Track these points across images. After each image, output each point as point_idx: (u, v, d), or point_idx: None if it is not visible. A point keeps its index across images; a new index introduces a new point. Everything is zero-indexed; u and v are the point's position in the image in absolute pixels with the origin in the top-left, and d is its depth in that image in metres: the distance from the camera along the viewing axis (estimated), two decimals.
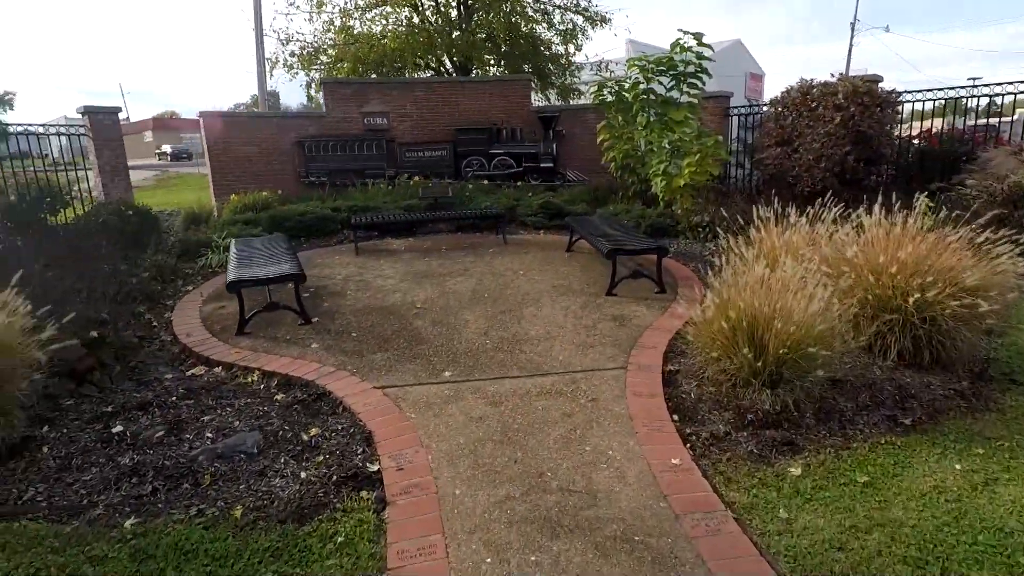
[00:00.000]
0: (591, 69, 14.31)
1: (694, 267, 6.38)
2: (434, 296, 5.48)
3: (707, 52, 8.34)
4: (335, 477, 2.78)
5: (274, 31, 14.08)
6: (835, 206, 4.58)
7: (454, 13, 13.63)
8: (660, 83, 8.80)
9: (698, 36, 8.25)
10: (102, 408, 3.35)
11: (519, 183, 11.00)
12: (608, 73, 14.05)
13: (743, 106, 10.96)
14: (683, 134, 8.50)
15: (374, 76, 12.41)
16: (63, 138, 9.07)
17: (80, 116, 9.41)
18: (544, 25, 13.75)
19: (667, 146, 8.35)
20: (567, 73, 14.24)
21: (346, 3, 13.55)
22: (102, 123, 9.23)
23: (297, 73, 14.07)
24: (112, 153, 9.37)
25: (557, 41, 13.97)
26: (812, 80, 8.87)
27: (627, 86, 9.05)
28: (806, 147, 8.35)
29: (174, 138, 52.74)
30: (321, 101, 11.55)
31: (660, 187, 8.29)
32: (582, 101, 14.40)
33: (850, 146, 8.01)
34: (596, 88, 9.26)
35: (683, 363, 3.98)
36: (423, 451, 2.96)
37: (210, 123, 10.65)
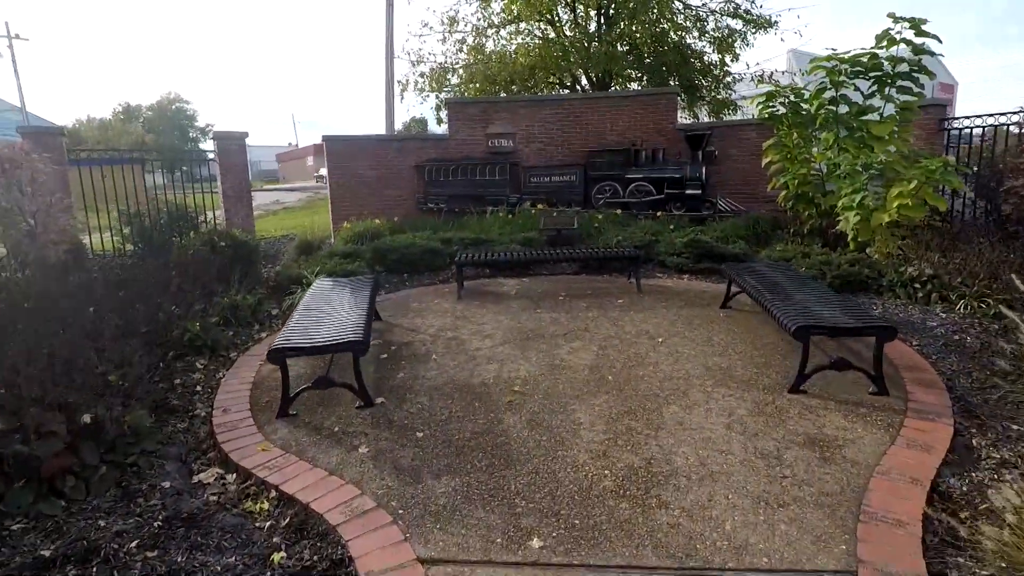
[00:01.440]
0: (751, 80, 12.26)
1: (919, 347, 4.36)
2: (539, 373, 4.08)
3: (932, 44, 6.19)
4: None
5: (406, 53, 13.77)
6: None
7: (592, 25, 12.37)
8: (854, 88, 6.76)
9: (917, 23, 6.15)
10: (41, 548, 2.37)
11: (659, 213, 9.33)
12: (773, 84, 11.91)
13: (962, 116, 8.38)
14: (888, 154, 6.39)
15: (503, 95, 11.49)
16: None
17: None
18: (695, 33, 12.00)
19: (864, 170, 6.29)
20: (721, 86, 12.31)
21: (479, 20, 12.89)
22: (228, 148, 9.14)
23: (428, 96, 13.66)
24: (236, 178, 9.25)
25: (710, 50, 12.14)
26: None
27: (807, 95, 7.10)
28: None
29: None
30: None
31: (852, 223, 6.23)
32: (737, 117, 12.37)
33: None
34: (763, 99, 7.41)
35: (962, 566, 2.18)
36: None
37: (332, 147, 10.30)
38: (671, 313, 5.42)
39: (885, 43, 6.38)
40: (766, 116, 7.50)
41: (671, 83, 11.67)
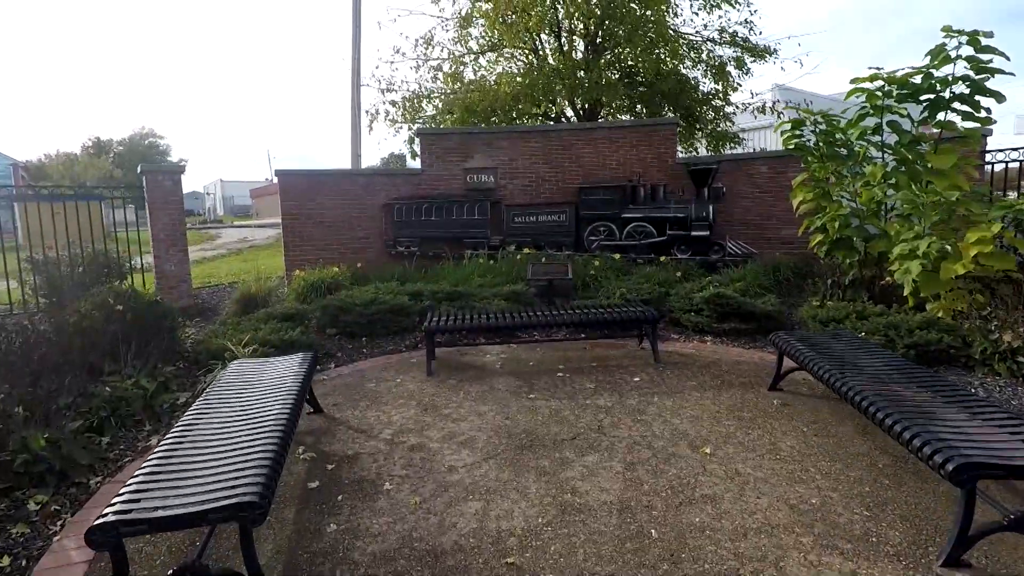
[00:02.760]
0: (752, 112, 11.33)
1: None
2: (543, 522, 2.70)
3: (999, 62, 5.14)
4: None
5: (376, 80, 12.70)
6: None
7: (580, 52, 11.39)
8: (900, 113, 5.69)
9: (976, 37, 5.12)
10: None
11: (662, 258, 8.14)
12: (776, 115, 10.97)
13: (1010, 149, 7.41)
14: (949, 192, 5.27)
15: (483, 126, 10.34)
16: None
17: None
18: (689, 62, 11.05)
19: (928, 210, 5.16)
20: (720, 117, 11.34)
21: (457, 46, 11.83)
22: (159, 184, 7.74)
23: (400, 127, 12.48)
24: (168, 219, 7.83)
25: (706, 79, 11.20)
26: None
27: (843, 122, 6.02)
28: None
29: None
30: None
31: (914, 275, 5.04)
32: (738, 150, 11.37)
33: None
34: (788, 127, 6.31)
35: None
36: None
37: (286, 182, 8.97)
38: (708, 399, 4.11)
39: (938, 61, 5.34)
40: (791, 147, 6.39)
41: (667, 113, 10.67)
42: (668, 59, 10.40)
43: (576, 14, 10.66)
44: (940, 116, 5.48)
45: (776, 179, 8.68)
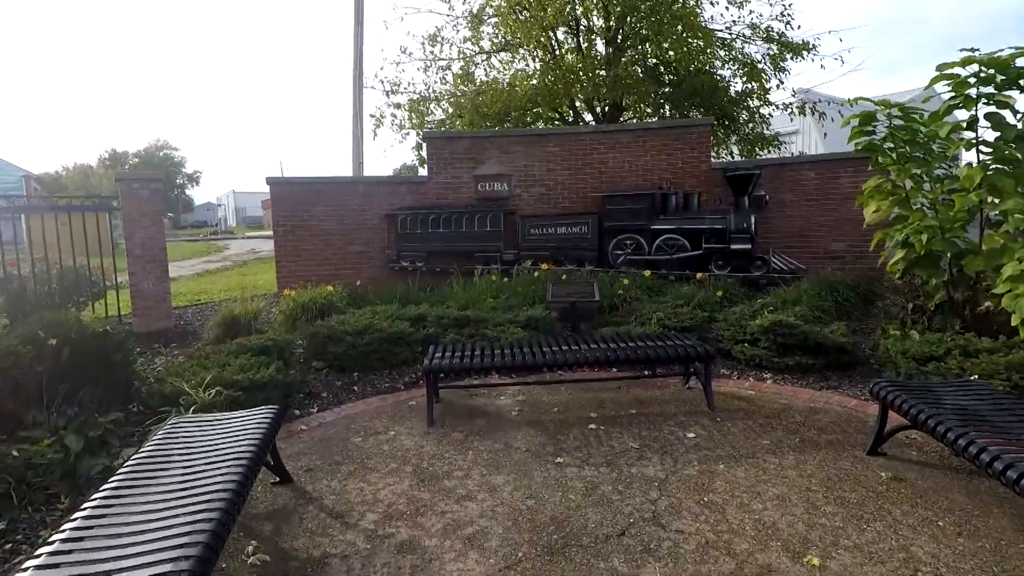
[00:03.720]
0: (789, 113, 10.35)
1: None
2: None
3: None
4: None
5: (380, 81, 11.91)
6: None
7: (600, 51, 10.50)
8: (1003, 103, 4.71)
9: None
10: None
11: (698, 275, 7.18)
12: (814, 114, 9.98)
13: None
14: None
15: (496, 130, 9.47)
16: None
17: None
18: (719, 61, 10.09)
19: None
20: (757, 118, 10.37)
21: (467, 44, 11.00)
22: (135, 194, 6.94)
23: (408, 133, 11.67)
24: (146, 233, 7.01)
25: (737, 79, 10.24)
26: None
27: (927, 114, 5.05)
28: None
29: None
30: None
31: None
32: (773, 155, 10.38)
33: None
34: (858, 122, 5.34)
35: None
36: None
37: (279, 192, 8.16)
38: (791, 467, 3.14)
39: None
40: (859, 147, 5.42)
41: (696, 115, 9.72)
42: (700, 52, 9.42)
43: (595, 8, 9.78)
44: None
45: (825, 185, 7.71)
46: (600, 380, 4.68)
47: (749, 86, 10.11)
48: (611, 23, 10.24)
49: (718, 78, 10.02)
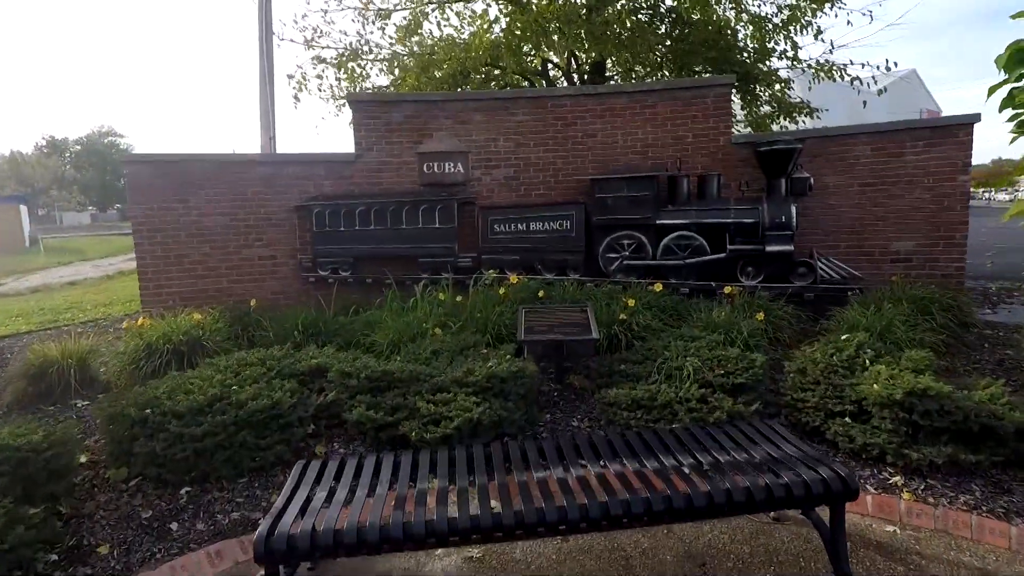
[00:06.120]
0: (810, 76, 8.38)
1: None
2: None
3: None
4: None
5: (299, 29, 9.68)
6: None
7: None
8: None
9: None
10: None
11: (727, 288, 5.21)
12: (843, 78, 8.06)
13: None
14: None
15: (449, 92, 7.30)
16: None
17: None
18: (732, 11, 8.04)
19: None
20: (778, 81, 8.40)
21: None
22: None
23: (343, 103, 9.37)
24: None
25: (749, 39, 8.21)
26: None
27: None
28: None
29: None
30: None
31: None
32: (804, 126, 8.42)
33: None
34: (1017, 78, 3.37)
35: None
36: None
37: (138, 176, 5.86)
38: None
39: None
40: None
41: (700, 73, 7.66)
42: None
43: None
44: None
45: (884, 166, 5.82)
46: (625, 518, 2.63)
47: (774, 42, 8.06)
48: None
49: (730, 32, 7.99)
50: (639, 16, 7.71)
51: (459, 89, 8.07)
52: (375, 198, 6.10)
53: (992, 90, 3.41)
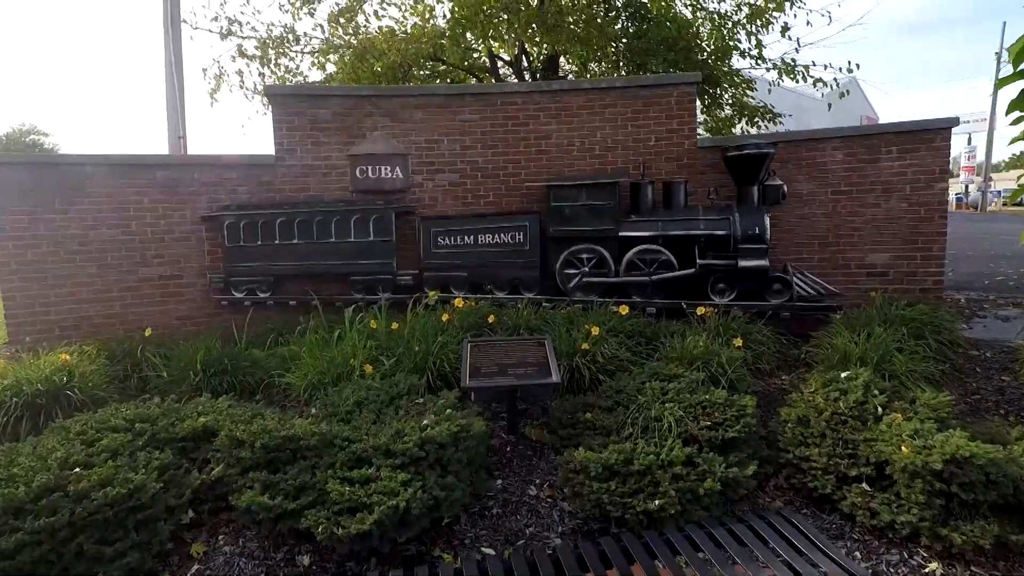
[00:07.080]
0: (774, 77, 7.99)
1: None
2: None
3: None
4: None
5: (214, 19, 8.73)
6: None
7: None
8: None
9: None
10: None
11: (700, 310, 4.65)
12: (814, 83, 7.68)
13: None
14: None
15: (385, 87, 6.54)
16: None
17: None
18: (689, 9, 7.56)
19: None
20: (740, 83, 7.97)
21: None
22: None
23: (267, 101, 8.43)
24: None
25: (707, 33, 7.77)
26: None
27: None
28: None
29: None
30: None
31: None
32: (770, 129, 8.01)
33: None
34: None
35: None
36: None
37: (6, 177, 4.86)
38: None
39: None
40: None
41: (659, 70, 7.12)
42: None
43: None
44: None
45: (858, 171, 5.41)
46: None
47: (735, 40, 7.61)
48: None
49: (693, 31, 7.49)
50: (594, 7, 7.12)
51: (401, 82, 7.29)
52: (299, 207, 5.28)
53: (1003, 83, 2.94)
